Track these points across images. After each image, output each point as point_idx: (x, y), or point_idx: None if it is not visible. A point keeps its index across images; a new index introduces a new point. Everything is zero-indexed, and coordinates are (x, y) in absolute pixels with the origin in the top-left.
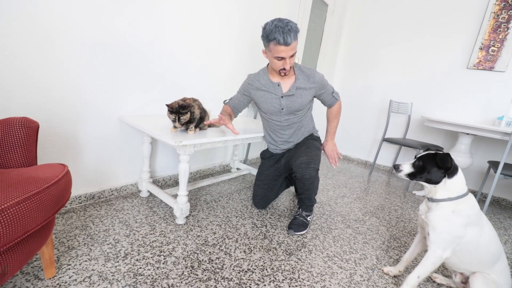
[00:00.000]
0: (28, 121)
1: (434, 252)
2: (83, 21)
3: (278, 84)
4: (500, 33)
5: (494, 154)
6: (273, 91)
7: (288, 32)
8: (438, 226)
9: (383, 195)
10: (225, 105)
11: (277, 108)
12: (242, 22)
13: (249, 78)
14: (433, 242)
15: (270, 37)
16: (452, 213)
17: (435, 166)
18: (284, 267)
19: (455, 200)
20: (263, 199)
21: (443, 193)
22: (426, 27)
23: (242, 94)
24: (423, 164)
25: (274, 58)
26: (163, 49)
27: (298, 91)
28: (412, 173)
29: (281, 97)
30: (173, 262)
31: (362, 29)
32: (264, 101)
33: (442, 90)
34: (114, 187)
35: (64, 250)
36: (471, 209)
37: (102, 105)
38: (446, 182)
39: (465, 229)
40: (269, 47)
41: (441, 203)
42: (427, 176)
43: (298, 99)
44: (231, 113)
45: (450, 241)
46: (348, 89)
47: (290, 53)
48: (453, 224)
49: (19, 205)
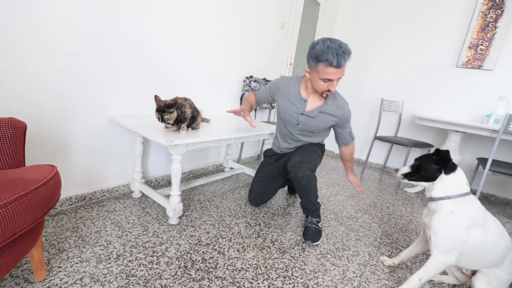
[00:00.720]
0: (15, 121)
1: (437, 257)
2: (72, 21)
3: (304, 100)
4: (488, 32)
5: (483, 151)
6: (297, 104)
7: (343, 54)
8: (438, 230)
9: (375, 192)
10: (250, 93)
11: (293, 122)
12: (232, 19)
13: (280, 81)
14: (435, 247)
15: (322, 58)
16: (451, 214)
17: (432, 163)
18: (277, 265)
19: (455, 199)
20: (258, 196)
21: (441, 190)
22: (416, 26)
23: (267, 92)
24: (419, 163)
25: (320, 80)
26: (155, 47)
27: (321, 115)
28: (408, 173)
29: (301, 114)
30: (166, 262)
31: (354, 29)
32: (284, 109)
33: (432, 89)
34: (105, 188)
35: (54, 253)
36: (472, 209)
37: (92, 105)
38: (442, 177)
39: (467, 231)
40: (317, 67)
41: (440, 202)
42: (423, 174)
43: (316, 122)
44: (254, 103)
45: (452, 245)
46: (340, 88)
47: (339, 76)
48: (452, 227)
49: (6, 207)
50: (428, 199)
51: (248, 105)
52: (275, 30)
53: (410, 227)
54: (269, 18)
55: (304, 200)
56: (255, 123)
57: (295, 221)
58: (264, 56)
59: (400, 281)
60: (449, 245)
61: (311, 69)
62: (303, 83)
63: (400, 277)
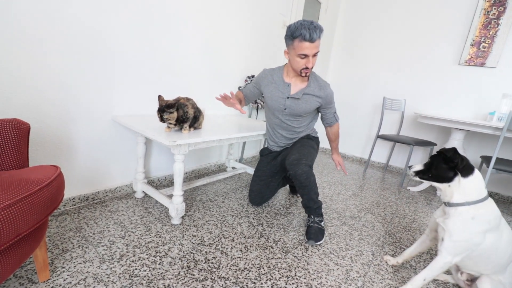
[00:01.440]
0: (18, 122)
1: (444, 258)
2: (74, 22)
3: (288, 84)
4: (490, 29)
5: (486, 149)
6: (281, 89)
7: (314, 29)
8: (456, 234)
9: (378, 191)
10: (238, 91)
11: (281, 107)
12: (235, 19)
13: (263, 72)
14: (446, 248)
15: (296, 33)
16: (472, 220)
17: (442, 161)
18: (280, 265)
19: (475, 205)
20: (258, 195)
21: (460, 195)
22: (418, 24)
23: (254, 86)
24: (431, 160)
25: (297, 57)
26: (158, 47)
27: (305, 96)
28: (421, 171)
29: (287, 98)
30: (169, 262)
31: (355, 27)
32: (271, 97)
33: (435, 87)
34: (108, 188)
35: (58, 253)
36: (491, 214)
37: (95, 105)
38: (460, 181)
39: (484, 236)
40: (293, 45)
41: (460, 208)
42: (434, 173)
43: (302, 104)
44: (242, 99)
45: (465, 249)
46: (342, 87)
47: (314, 51)
48: (472, 232)
49: (11, 207)
50: (445, 203)
51: (237, 99)
52: (277, 30)
53: (413, 226)
54: (270, 18)
55: (305, 198)
56: (256, 122)
57: (298, 220)
58: (265, 55)
59: (404, 280)
60: (462, 248)
61: (289, 49)
62: (285, 70)
63: (404, 276)
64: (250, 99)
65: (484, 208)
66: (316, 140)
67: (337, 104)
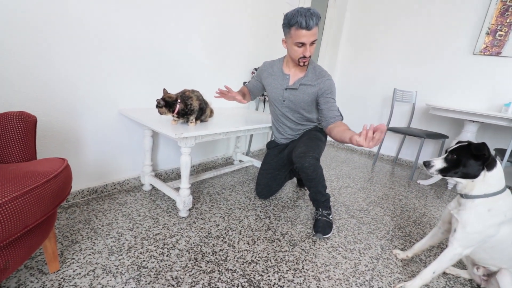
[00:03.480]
0: (25, 115)
1: (455, 249)
2: (82, 15)
3: (287, 75)
4: (507, 17)
5: (501, 142)
6: (280, 81)
7: (311, 16)
8: (470, 226)
9: (387, 185)
10: (243, 86)
11: (280, 99)
12: (243, 11)
13: (263, 64)
14: (457, 240)
15: (292, 21)
16: (488, 212)
17: (471, 158)
18: (288, 258)
19: (492, 196)
20: (265, 188)
21: (482, 188)
22: (430, 13)
23: (256, 79)
24: (457, 157)
25: (294, 45)
26: (164, 40)
27: (302, 87)
28: (445, 168)
29: (285, 89)
30: (177, 254)
31: (364, 18)
32: (271, 89)
33: (448, 78)
34: (116, 181)
35: (67, 244)
36: (507, 205)
37: (102, 98)
38: (485, 175)
39: (499, 228)
40: (290, 33)
41: (477, 200)
42: (463, 170)
43: (300, 95)
44: (247, 93)
45: (477, 241)
46: (351, 79)
47: (311, 39)
48: (486, 224)
49: (18, 199)
50: (462, 195)
51: (241, 93)
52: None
53: (424, 220)
54: (277, 8)
55: (312, 191)
56: (263, 115)
57: (305, 213)
58: (272, 46)
59: (413, 274)
60: (474, 241)
61: (286, 37)
62: (285, 61)
63: (413, 270)
64: (255, 94)
65: (502, 200)
66: (323, 132)
67: (347, 96)
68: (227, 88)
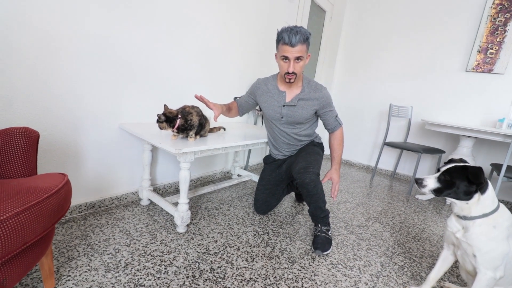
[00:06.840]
0: (28, 131)
1: (485, 274)
2: (81, 31)
3: (283, 92)
4: (497, 36)
5: (497, 157)
6: (277, 98)
7: (295, 33)
8: (484, 246)
9: (386, 199)
10: (232, 101)
11: (278, 116)
12: (241, 28)
13: (257, 82)
14: (481, 264)
15: (279, 37)
16: (494, 229)
17: (465, 181)
18: (287, 275)
19: (491, 215)
20: (264, 204)
21: (478, 209)
22: (424, 30)
23: (249, 95)
24: (451, 179)
25: (281, 60)
26: (163, 55)
27: (301, 102)
28: (438, 189)
29: (283, 106)
30: (174, 271)
31: (360, 34)
32: (267, 106)
33: (442, 93)
34: (114, 195)
35: (63, 261)
36: (507, 220)
37: (102, 113)
38: (480, 198)
39: (508, 242)
40: (278, 47)
41: (478, 220)
42: (457, 191)
43: (299, 111)
44: (234, 108)
45: (498, 258)
46: (347, 94)
47: (295, 55)
48: (497, 240)
49: (19, 216)
50: (461, 217)
51: (225, 107)
52: None
53: (423, 235)
54: (276, 26)
55: (312, 206)
56: (261, 130)
57: (304, 229)
58: (271, 64)
59: None
60: (496, 259)
61: (277, 52)
62: (278, 78)
63: None
64: (245, 109)
65: (501, 217)
66: (321, 146)
67: (343, 110)
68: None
